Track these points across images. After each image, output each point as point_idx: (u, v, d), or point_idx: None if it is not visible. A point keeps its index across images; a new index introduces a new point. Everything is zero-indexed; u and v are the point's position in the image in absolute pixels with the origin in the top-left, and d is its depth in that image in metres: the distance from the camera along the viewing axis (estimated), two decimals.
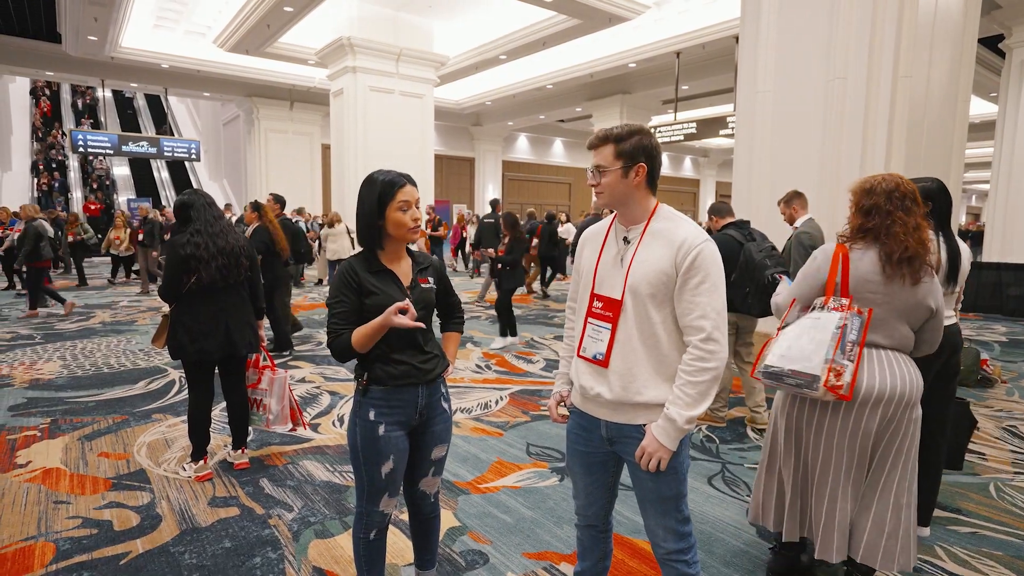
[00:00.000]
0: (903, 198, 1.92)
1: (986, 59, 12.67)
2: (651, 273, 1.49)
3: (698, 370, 1.45)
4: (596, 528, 1.76)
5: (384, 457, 1.72)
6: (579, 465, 1.70)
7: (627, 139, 1.51)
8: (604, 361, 1.55)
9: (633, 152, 1.51)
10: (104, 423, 3.84)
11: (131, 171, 22.87)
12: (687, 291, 1.46)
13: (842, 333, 1.86)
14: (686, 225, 1.51)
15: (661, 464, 1.49)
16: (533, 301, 9.88)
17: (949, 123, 5.92)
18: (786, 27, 5.50)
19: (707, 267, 1.45)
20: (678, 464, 1.54)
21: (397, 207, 1.69)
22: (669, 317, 1.51)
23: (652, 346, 1.51)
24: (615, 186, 1.53)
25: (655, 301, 1.49)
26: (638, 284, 1.50)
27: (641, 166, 1.51)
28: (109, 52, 13.31)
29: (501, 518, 2.66)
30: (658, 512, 1.58)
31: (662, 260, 1.48)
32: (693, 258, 1.45)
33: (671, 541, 1.58)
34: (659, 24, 11.78)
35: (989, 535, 2.57)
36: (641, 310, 1.51)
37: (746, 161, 5.90)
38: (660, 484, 1.55)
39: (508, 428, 3.85)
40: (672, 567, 1.61)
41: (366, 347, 1.66)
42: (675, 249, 1.47)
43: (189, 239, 2.87)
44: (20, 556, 2.33)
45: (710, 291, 1.45)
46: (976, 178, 28.19)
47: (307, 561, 2.31)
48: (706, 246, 1.46)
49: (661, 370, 1.51)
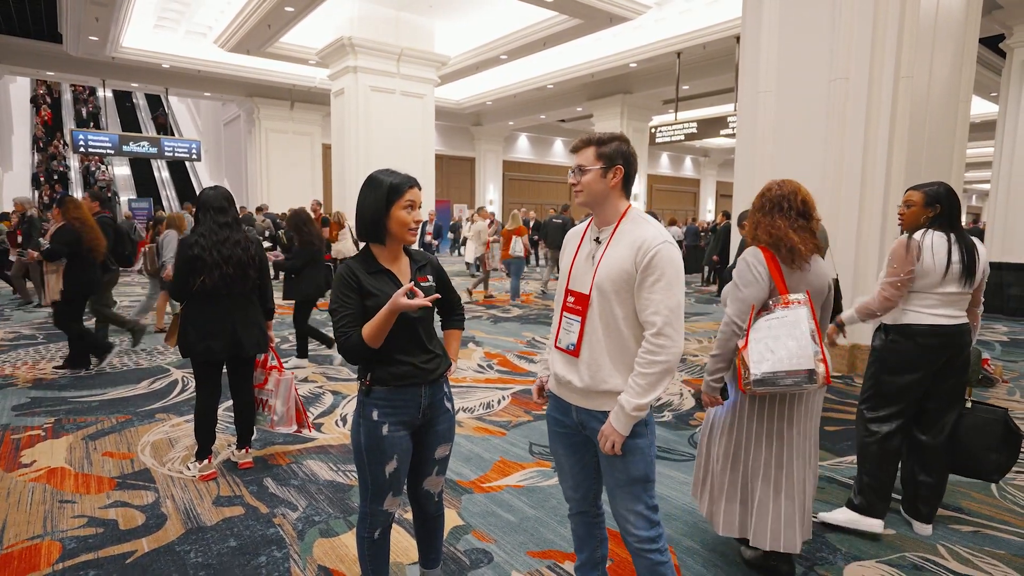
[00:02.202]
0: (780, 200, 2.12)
1: (987, 59, 12.67)
2: (614, 271, 1.60)
3: (648, 363, 1.55)
4: (587, 515, 1.85)
5: (388, 457, 1.73)
6: (561, 446, 1.81)
7: (608, 143, 1.65)
8: (575, 351, 1.67)
9: (612, 155, 1.64)
10: (108, 423, 3.85)
11: (132, 171, 22.89)
12: (644, 288, 1.57)
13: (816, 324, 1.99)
14: (648, 227, 1.61)
15: (616, 447, 1.60)
16: (534, 301, 9.89)
17: (950, 123, 5.92)
18: (787, 28, 5.51)
19: (663, 267, 1.55)
20: (645, 445, 1.65)
21: (403, 206, 1.71)
22: (631, 312, 1.61)
23: (615, 339, 1.62)
24: (594, 185, 1.65)
25: (618, 297, 1.61)
26: (603, 281, 1.61)
27: (619, 168, 1.64)
28: (110, 52, 13.32)
29: (505, 517, 2.67)
30: (627, 496, 1.66)
31: (625, 259, 1.59)
32: (651, 258, 1.55)
33: (642, 528, 1.66)
34: (660, 24, 11.79)
35: (991, 534, 2.59)
36: (606, 305, 1.62)
37: (747, 162, 5.91)
38: (628, 464, 1.64)
39: (511, 428, 3.86)
40: (645, 557, 1.67)
41: (378, 339, 1.66)
42: (635, 249, 1.58)
43: (196, 240, 2.90)
44: (27, 555, 2.34)
45: (664, 289, 1.55)
46: (977, 178, 28.19)
47: (312, 560, 2.32)
48: (663, 247, 1.56)
49: (624, 360, 1.62)
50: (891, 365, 2.54)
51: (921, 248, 2.43)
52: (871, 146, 5.13)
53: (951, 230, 2.45)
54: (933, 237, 2.44)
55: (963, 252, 2.41)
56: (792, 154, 5.55)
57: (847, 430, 3.87)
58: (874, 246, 5.19)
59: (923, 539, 2.53)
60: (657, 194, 26.61)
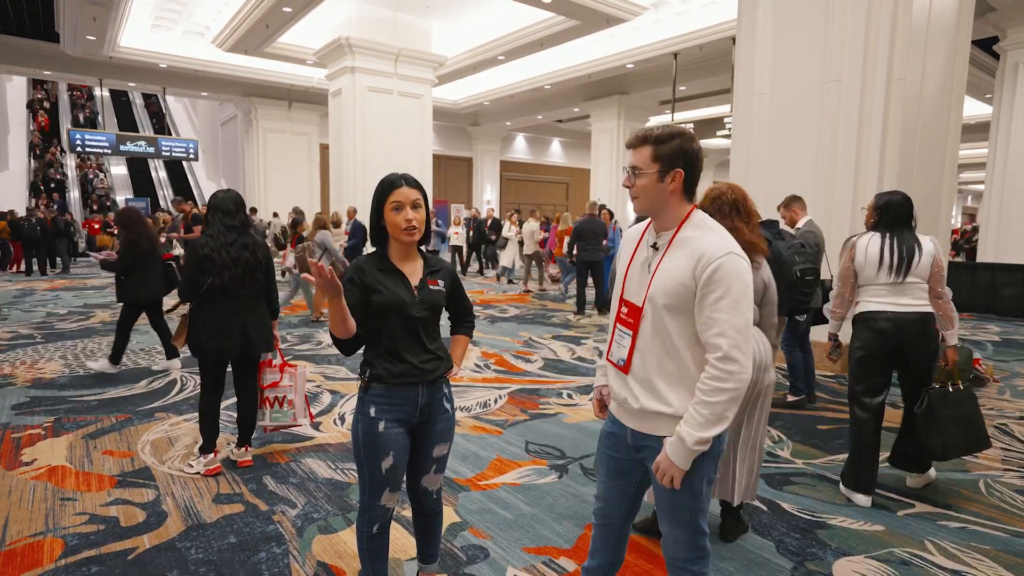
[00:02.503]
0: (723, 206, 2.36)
1: (981, 61, 12.76)
2: (669, 284, 1.44)
3: (713, 390, 1.39)
4: (611, 530, 1.74)
5: (384, 453, 1.76)
6: (604, 469, 1.71)
7: (667, 142, 1.46)
8: (625, 367, 1.55)
9: (672, 156, 1.45)
10: (107, 422, 3.88)
11: (128, 171, 22.87)
12: (706, 306, 1.40)
13: None
14: (711, 235, 1.45)
15: (674, 482, 1.46)
16: (531, 300, 9.94)
17: (943, 125, 5.98)
18: (781, 31, 5.57)
19: (728, 281, 1.38)
20: (695, 481, 1.49)
21: (390, 207, 1.73)
22: (687, 328, 1.45)
23: (671, 356, 1.47)
24: (649, 190, 1.48)
25: (671, 312, 1.45)
26: (657, 294, 1.47)
27: (679, 172, 1.46)
28: (107, 52, 13.33)
29: (501, 514, 2.71)
30: (671, 523, 1.57)
31: (682, 271, 1.43)
32: (712, 271, 1.38)
33: (680, 550, 1.57)
34: (657, 25, 11.84)
35: (978, 530, 2.64)
36: (659, 320, 1.47)
37: (743, 162, 5.97)
38: (675, 496, 1.52)
39: (507, 426, 3.90)
40: (678, 571, 1.61)
41: (336, 326, 1.65)
42: (695, 260, 1.41)
43: (206, 241, 2.97)
44: (29, 551, 2.37)
45: (730, 308, 1.38)
46: (973, 178, 28.31)
47: (311, 556, 2.36)
48: (728, 259, 1.39)
49: (682, 381, 1.47)
50: (854, 347, 2.96)
51: (855, 247, 2.92)
52: (864, 148, 5.19)
53: (888, 230, 2.86)
54: (870, 238, 2.89)
55: (893, 249, 2.81)
56: (786, 155, 5.61)
57: (840, 428, 3.92)
58: None
59: (911, 535, 2.58)
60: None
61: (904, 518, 2.73)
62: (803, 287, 3.54)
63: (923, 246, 2.83)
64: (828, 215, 5.32)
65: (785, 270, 3.56)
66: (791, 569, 2.31)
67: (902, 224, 2.87)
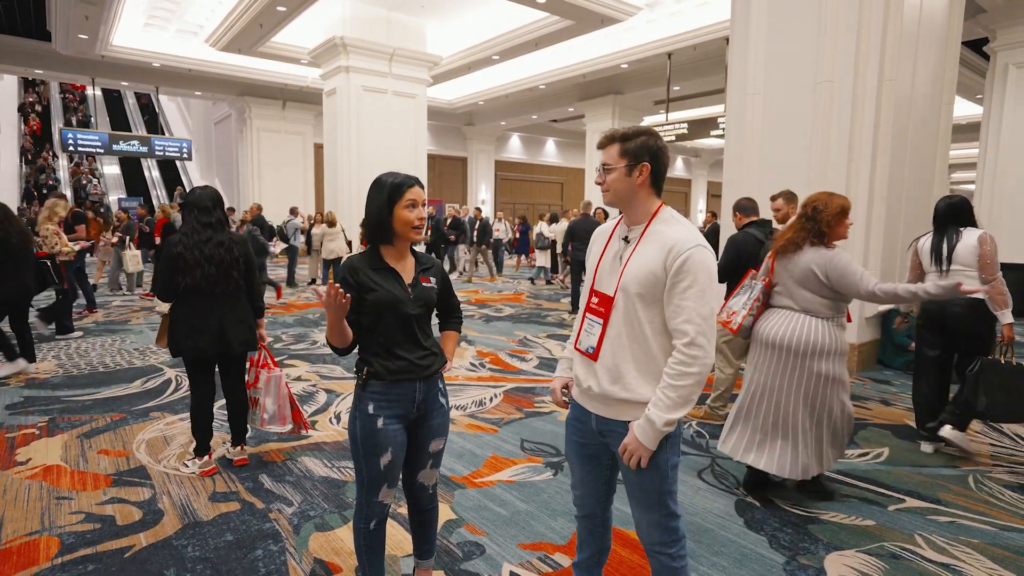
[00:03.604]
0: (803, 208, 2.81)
1: (972, 62, 12.87)
2: (641, 274, 1.52)
3: (680, 374, 1.47)
4: (593, 519, 1.81)
5: (382, 449, 1.78)
6: (575, 455, 1.77)
7: (633, 139, 1.57)
8: (594, 355, 1.61)
9: (638, 152, 1.56)
10: (102, 421, 3.87)
11: (121, 170, 22.75)
12: (675, 295, 1.49)
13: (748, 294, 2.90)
14: (680, 228, 1.54)
15: (641, 462, 1.53)
16: (526, 300, 9.96)
17: (933, 125, 6.04)
18: (774, 31, 5.60)
19: (695, 272, 1.47)
20: (661, 461, 1.57)
21: (405, 205, 1.76)
22: (657, 318, 1.53)
23: (640, 344, 1.55)
24: (619, 184, 1.58)
25: (643, 301, 1.53)
26: (629, 283, 1.54)
27: (645, 166, 1.56)
28: (100, 50, 13.26)
29: (496, 511, 2.73)
30: (642, 506, 1.63)
31: (653, 261, 1.51)
32: (682, 262, 1.47)
33: (655, 533, 1.63)
34: (651, 25, 11.89)
35: (967, 524, 2.67)
36: (630, 309, 1.55)
37: (736, 162, 6.00)
38: (643, 479, 1.59)
39: (502, 425, 3.92)
40: (656, 558, 1.66)
41: (333, 337, 1.71)
42: (666, 252, 1.50)
43: (179, 240, 2.93)
44: (25, 550, 2.37)
45: (697, 296, 1.47)
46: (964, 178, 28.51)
47: (308, 553, 2.37)
48: (696, 251, 1.48)
49: (648, 368, 1.55)
50: (917, 316, 3.70)
51: (917, 243, 3.62)
52: (856, 148, 5.23)
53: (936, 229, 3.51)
54: (927, 237, 3.56)
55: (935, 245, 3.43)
56: (779, 155, 5.64)
57: None
58: (859, 245, 5.29)
59: (901, 529, 2.61)
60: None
61: (895, 513, 2.77)
62: None
63: (964, 239, 3.32)
64: None
65: None
66: (783, 563, 2.34)
67: (946, 223, 3.45)
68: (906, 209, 5.75)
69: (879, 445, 3.64)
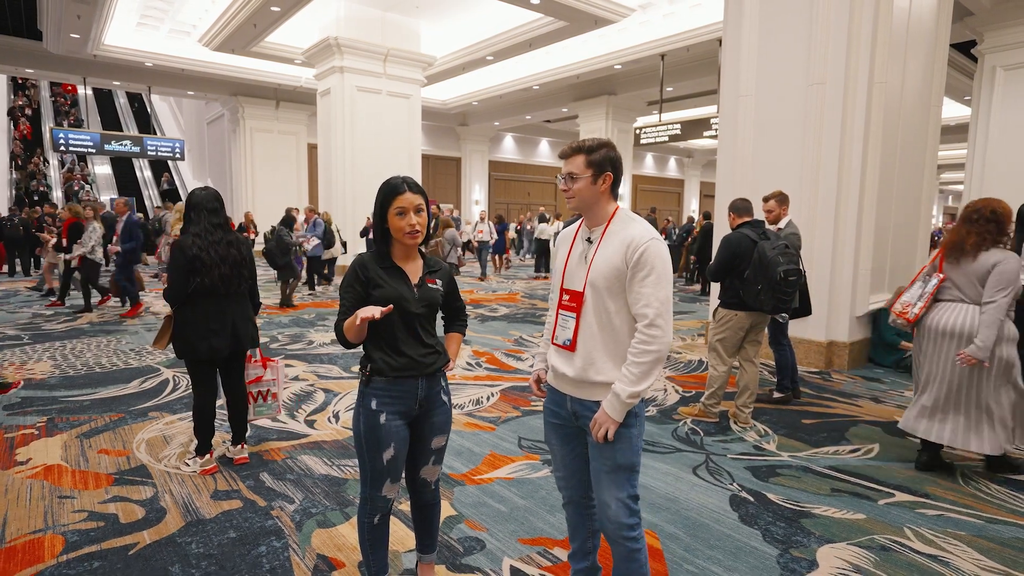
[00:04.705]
0: (971, 213, 3.08)
1: (960, 64, 13.03)
2: (606, 269, 1.68)
3: (641, 352, 1.64)
4: (579, 504, 1.93)
5: (385, 444, 1.82)
6: (555, 437, 1.90)
7: (597, 151, 1.73)
8: (571, 346, 1.76)
9: (601, 162, 1.72)
10: (101, 421, 3.89)
11: (112, 170, 22.59)
12: (635, 283, 1.65)
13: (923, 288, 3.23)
14: (637, 225, 1.70)
15: (609, 434, 1.68)
16: (520, 300, 10.00)
17: (922, 126, 6.14)
18: (766, 34, 5.68)
19: (652, 262, 1.63)
20: (631, 434, 1.73)
21: (394, 212, 1.79)
22: (623, 308, 1.70)
23: (608, 333, 1.71)
24: (585, 191, 1.73)
25: (610, 293, 1.69)
26: (596, 278, 1.70)
27: (608, 175, 1.73)
28: (91, 50, 13.19)
29: (496, 507, 2.78)
30: (612, 483, 1.74)
31: (615, 257, 1.67)
32: (640, 254, 1.64)
33: (623, 515, 1.73)
34: (644, 27, 11.96)
35: (954, 517, 2.74)
36: (599, 301, 1.71)
37: (729, 163, 6.07)
38: (616, 452, 1.72)
39: (500, 423, 3.96)
40: (622, 544, 1.75)
41: (353, 336, 1.77)
42: (626, 247, 1.66)
43: (194, 241, 2.95)
44: (30, 547, 2.39)
45: (655, 283, 1.63)
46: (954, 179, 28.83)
47: (311, 549, 2.41)
48: (652, 243, 1.65)
49: (618, 352, 1.71)
50: None
51: None
52: (847, 149, 5.32)
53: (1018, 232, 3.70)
54: None
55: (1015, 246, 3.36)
56: (771, 156, 5.72)
57: (824, 423, 4.03)
58: (849, 246, 5.37)
59: (891, 523, 2.68)
60: (642, 194, 26.87)
61: (884, 507, 2.84)
62: (786, 287, 3.64)
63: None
64: (811, 215, 5.44)
65: (770, 270, 3.66)
66: (776, 556, 2.39)
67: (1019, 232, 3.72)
68: (896, 208, 5.85)
69: (870, 441, 3.71)
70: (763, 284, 3.68)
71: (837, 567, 2.32)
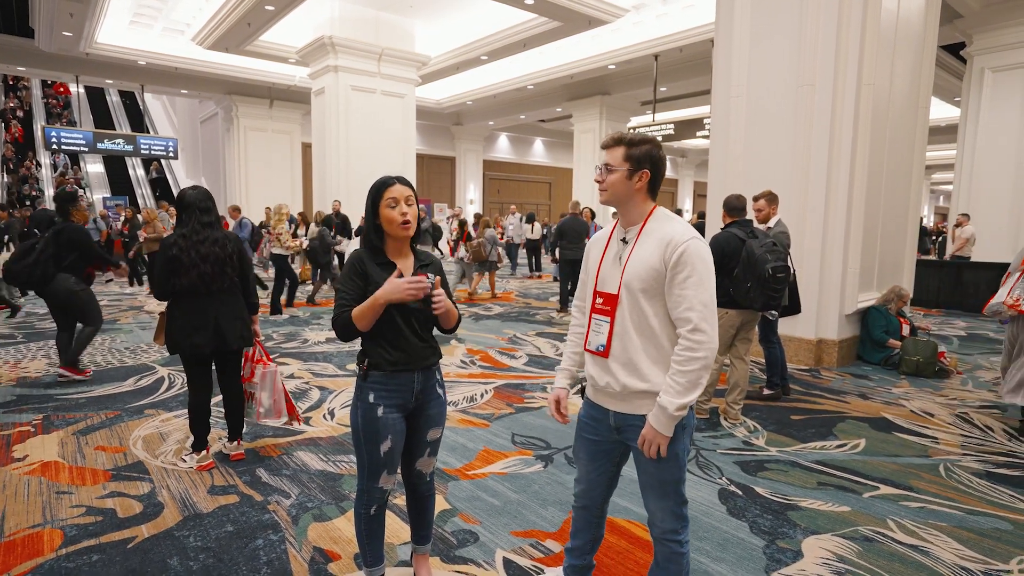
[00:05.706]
0: None
1: (950, 65, 13.17)
2: (643, 270, 1.61)
3: (686, 359, 1.55)
4: (591, 511, 1.91)
5: (382, 437, 1.87)
6: (585, 453, 1.85)
7: (638, 145, 1.65)
8: (605, 352, 1.69)
9: (641, 158, 1.64)
10: (97, 418, 3.91)
11: (105, 169, 22.47)
12: (675, 285, 1.57)
13: None
14: (675, 224, 1.63)
15: (661, 450, 1.60)
16: (515, 299, 10.06)
17: (910, 128, 6.23)
18: (757, 35, 5.75)
19: (693, 262, 1.55)
20: (679, 450, 1.65)
21: (386, 204, 1.83)
22: (661, 309, 1.62)
23: (647, 336, 1.63)
24: (618, 185, 1.66)
25: (647, 295, 1.62)
26: (631, 280, 1.63)
27: (645, 172, 1.65)
28: (84, 48, 13.13)
29: (489, 501, 2.83)
30: (659, 495, 1.70)
31: (652, 257, 1.60)
32: (680, 254, 1.55)
33: (668, 521, 1.71)
34: (637, 27, 12.03)
35: (936, 509, 2.82)
36: (635, 303, 1.63)
37: (721, 163, 6.14)
38: (661, 470, 1.66)
39: (493, 419, 4.01)
40: (666, 545, 1.73)
41: (366, 322, 1.79)
42: (664, 246, 1.59)
43: (175, 241, 2.99)
44: (29, 542, 2.43)
45: (696, 285, 1.55)
46: (944, 179, 29.08)
47: (308, 542, 2.45)
48: (692, 243, 1.56)
49: (658, 357, 1.63)
50: None
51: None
52: (836, 150, 5.39)
53: None
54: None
55: None
56: (762, 157, 5.79)
57: (812, 419, 4.10)
58: (838, 245, 5.45)
59: (875, 515, 2.75)
60: None
61: (869, 499, 2.91)
62: (775, 284, 3.70)
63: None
64: (801, 215, 5.52)
65: (758, 268, 3.72)
66: (763, 547, 2.45)
67: None
68: (884, 208, 5.93)
69: (856, 437, 3.78)
70: (752, 281, 3.74)
71: (821, 557, 2.38)
